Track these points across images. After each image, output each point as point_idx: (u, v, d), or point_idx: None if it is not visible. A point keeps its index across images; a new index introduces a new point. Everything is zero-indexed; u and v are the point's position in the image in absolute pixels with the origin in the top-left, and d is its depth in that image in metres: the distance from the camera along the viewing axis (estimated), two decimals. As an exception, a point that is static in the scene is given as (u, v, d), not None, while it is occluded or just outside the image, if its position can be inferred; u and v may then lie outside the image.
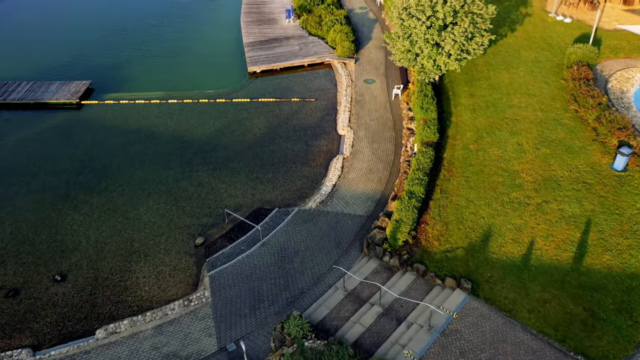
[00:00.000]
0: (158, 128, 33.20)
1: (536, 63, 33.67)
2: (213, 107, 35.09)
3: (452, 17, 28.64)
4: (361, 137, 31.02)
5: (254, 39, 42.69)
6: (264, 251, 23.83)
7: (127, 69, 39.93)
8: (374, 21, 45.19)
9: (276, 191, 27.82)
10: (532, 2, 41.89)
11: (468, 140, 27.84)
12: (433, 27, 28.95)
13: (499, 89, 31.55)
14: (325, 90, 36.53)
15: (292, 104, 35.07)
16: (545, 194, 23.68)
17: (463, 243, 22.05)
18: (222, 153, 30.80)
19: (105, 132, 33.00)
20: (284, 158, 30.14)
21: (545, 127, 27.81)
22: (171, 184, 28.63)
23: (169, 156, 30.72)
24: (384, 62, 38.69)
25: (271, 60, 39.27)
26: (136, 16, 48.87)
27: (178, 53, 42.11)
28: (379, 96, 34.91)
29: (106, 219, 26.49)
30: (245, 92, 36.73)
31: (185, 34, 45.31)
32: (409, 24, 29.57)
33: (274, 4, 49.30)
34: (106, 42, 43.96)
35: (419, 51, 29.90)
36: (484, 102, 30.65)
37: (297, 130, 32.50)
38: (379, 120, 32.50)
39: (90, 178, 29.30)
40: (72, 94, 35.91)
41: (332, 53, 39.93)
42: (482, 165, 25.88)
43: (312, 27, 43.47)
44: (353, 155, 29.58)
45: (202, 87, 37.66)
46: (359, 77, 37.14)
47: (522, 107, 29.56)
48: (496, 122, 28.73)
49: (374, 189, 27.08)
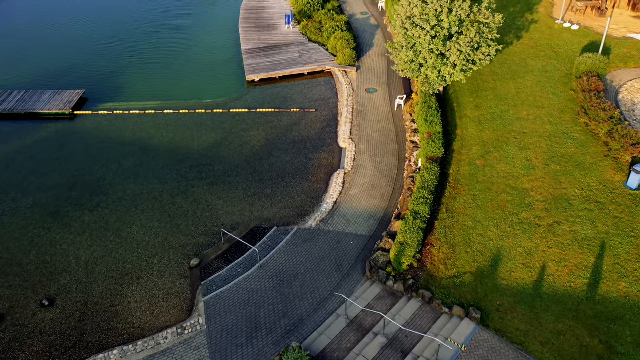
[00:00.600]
0: (153, 140, 32.13)
1: (544, 73, 32.58)
2: (210, 117, 34.02)
3: (457, 27, 27.57)
4: (363, 150, 29.94)
5: (253, 45, 41.62)
6: (261, 274, 22.76)
7: (122, 77, 38.86)
8: (376, 27, 44.12)
9: (275, 208, 26.75)
10: (538, 9, 40.80)
11: (474, 155, 26.75)
12: (438, 37, 27.88)
13: (506, 100, 30.47)
14: (325, 100, 35.46)
15: (291, 114, 34.00)
16: (556, 214, 22.60)
17: (471, 268, 20.97)
18: (219, 167, 29.72)
19: (99, 144, 31.92)
20: (283, 172, 29.07)
21: (555, 141, 26.72)
22: (166, 200, 27.56)
23: (164, 170, 29.65)
24: (386, 71, 37.62)
25: (270, 68, 38.19)
26: (132, 22, 47.79)
27: (175, 60, 41.04)
28: (381, 106, 33.83)
29: (98, 237, 25.42)
30: (243, 101, 35.66)
31: (182, 40, 44.24)
32: (412, 34, 28.49)
33: (274, 9, 48.24)
34: (101, 49, 42.89)
35: (423, 61, 28.82)
36: (491, 114, 29.57)
37: (296, 142, 31.42)
38: (382, 132, 31.42)
39: (82, 194, 28.22)
40: (65, 104, 34.83)
41: (333, 61, 38.86)
42: (490, 183, 24.80)
43: (312, 34, 42.40)
44: (355, 170, 28.50)
45: (199, 96, 36.60)
46: (360, 86, 36.06)
47: (530, 120, 28.48)
48: (503, 136, 27.65)
49: (377, 206, 26.00)
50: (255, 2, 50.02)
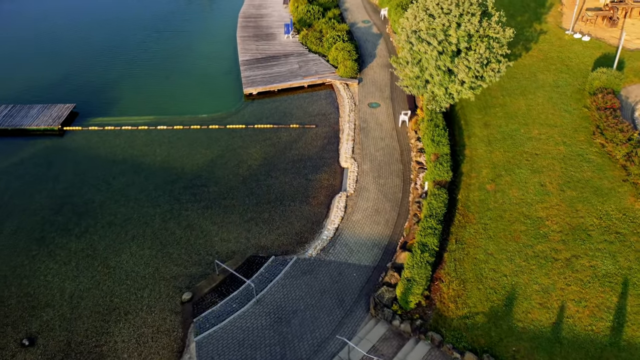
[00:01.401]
0: (145, 158, 30.61)
1: (555, 88, 31.07)
2: (205, 134, 32.50)
3: (466, 42, 26.07)
4: (366, 170, 28.43)
5: (251, 56, 40.11)
6: (258, 310, 21.24)
7: (114, 89, 37.35)
8: (378, 36, 42.62)
9: (272, 235, 25.23)
10: (546, 18, 39.31)
11: (484, 179, 25.25)
12: (445, 53, 26.37)
13: (516, 118, 28.96)
14: (326, 115, 33.95)
15: (290, 130, 32.48)
16: (574, 246, 21.08)
17: (484, 307, 19.45)
18: (214, 188, 28.21)
19: (89, 163, 30.42)
20: (282, 195, 27.55)
21: (570, 163, 25.22)
22: (158, 225, 26.05)
23: (156, 191, 28.15)
24: (389, 84, 36.12)
25: (268, 81, 36.69)
26: (125, 32, 46.29)
27: (170, 72, 39.54)
28: (384, 122, 32.32)
29: (84, 267, 23.90)
30: (240, 116, 34.15)
31: (178, 50, 42.74)
32: (418, 49, 26.99)
33: (272, 18, 46.73)
34: (93, 59, 41.40)
35: (430, 78, 27.31)
36: (500, 133, 28.06)
37: (296, 161, 29.91)
38: (385, 150, 29.91)
39: (69, 217, 26.71)
40: (54, 119, 33.32)
41: (334, 73, 37.36)
42: (502, 210, 23.28)
43: (313, 44, 40.91)
44: (357, 193, 26.99)
45: (195, 110, 35.10)
46: (362, 100, 34.55)
47: (543, 140, 26.97)
48: (515, 157, 26.14)
49: (381, 234, 24.49)
50: (254, 9, 48.54)
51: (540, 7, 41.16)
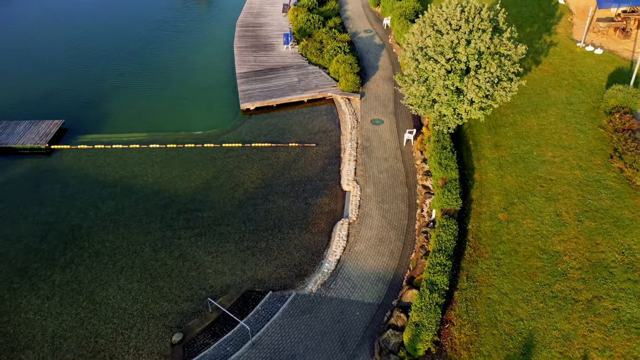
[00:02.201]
0: (137, 180, 29.05)
1: (568, 105, 29.51)
2: (200, 153, 30.94)
3: (476, 61, 24.50)
4: (369, 194, 26.86)
5: (248, 68, 38.55)
6: (254, 355, 19.67)
7: (105, 104, 35.78)
8: (381, 47, 41.08)
9: (270, 266, 23.67)
10: (556, 29, 37.75)
11: (496, 207, 23.68)
12: (454, 72, 24.81)
13: (528, 139, 27.40)
14: (327, 132, 32.39)
15: (289, 149, 30.92)
16: (595, 286, 19.52)
17: (499, 356, 17.89)
18: (209, 213, 26.65)
19: (77, 185, 28.85)
20: (280, 221, 25.99)
21: (587, 190, 23.66)
22: (148, 254, 24.49)
23: (147, 217, 26.59)
24: (392, 98, 34.57)
25: (267, 95, 35.12)
26: (117, 42, 44.69)
27: (164, 85, 37.98)
28: (388, 141, 30.75)
29: (69, 303, 22.34)
30: (236, 134, 32.58)
31: (173, 61, 41.16)
32: (425, 67, 25.42)
33: (271, 27, 45.16)
34: (83, 72, 39.81)
35: (437, 97, 25.75)
36: (512, 155, 26.49)
37: (295, 184, 28.34)
38: (389, 172, 28.34)
39: (55, 245, 25.16)
40: (42, 137, 31.75)
41: (335, 86, 35.81)
42: (516, 243, 21.72)
43: (313, 55, 39.35)
44: (360, 220, 25.43)
45: (189, 126, 33.54)
46: (365, 117, 32.99)
47: (557, 164, 25.41)
48: (528, 183, 24.58)
49: (386, 266, 22.93)
50: (252, 18, 46.97)
51: (549, 17, 39.61)
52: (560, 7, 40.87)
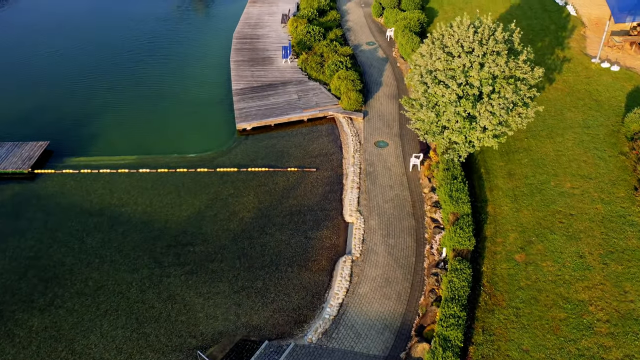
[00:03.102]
0: (125, 209, 27.16)
1: (585, 129, 27.64)
2: (193, 178, 29.05)
3: (490, 86, 22.62)
4: (373, 227, 24.98)
5: (245, 84, 36.65)
6: (248, 418, 17.80)
7: (93, 123, 33.89)
8: (384, 61, 39.20)
9: (267, 311, 21.77)
10: (569, 43, 35.87)
11: (512, 246, 21.79)
12: (466, 97, 22.92)
13: (544, 166, 25.52)
14: (328, 155, 30.49)
15: (288, 175, 29.03)
16: (625, 342, 17.63)
17: None
18: (201, 248, 24.77)
19: (61, 214, 26.97)
20: (278, 257, 24.10)
21: (610, 227, 21.77)
22: (134, 295, 22.60)
23: (135, 251, 24.71)
24: (397, 118, 32.68)
25: (264, 114, 33.23)
26: (107, 56, 42.75)
27: (156, 102, 36.09)
28: (393, 166, 28.86)
29: (46, 352, 20.44)
30: (232, 157, 30.69)
31: (165, 76, 39.27)
32: (434, 91, 23.53)
33: (270, 39, 43.26)
34: (70, 89, 37.89)
35: (447, 123, 23.87)
36: (527, 185, 24.60)
37: (294, 214, 26.45)
38: (395, 201, 26.45)
39: (34, 284, 23.28)
40: (24, 160, 29.86)
41: (337, 105, 33.91)
42: (536, 290, 19.82)
43: (313, 70, 37.46)
44: (364, 256, 23.54)
45: (182, 148, 31.65)
46: (368, 138, 31.11)
47: (577, 196, 23.53)
48: (546, 218, 22.69)
49: (393, 312, 21.03)
50: (249, 29, 45.07)
51: (561, 30, 37.74)
52: (572, 19, 39.02)
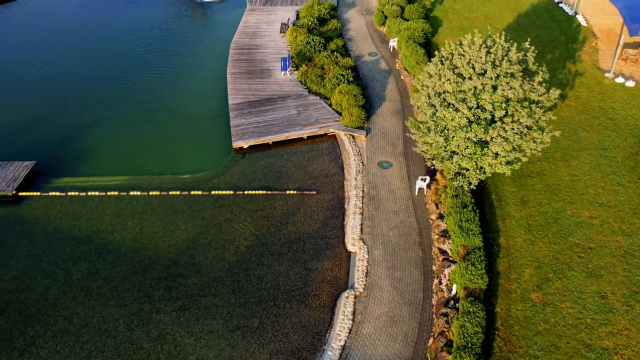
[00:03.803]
0: (114, 235, 25.62)
1: (601, 150, 26.12)
2: (186, 202, 27.50)
3: (503, 110, 21.08)
4: (377, 258, 23.43)
5: (242, 98, 35.11)
6: None
7: (83, 141, 32.33)
8: (387, 73, 37.68)
9: (263, 353, 20.20)
10: (581, 56, 34.35)
11: (528, 284, 20.24)
12: (478, 123, 21.38)
13: (559, 193, 23.98)
14: (329, 176, 28.94)
15: (287, 198, 27.48)
16: (656, 398, 16.10)
17: None
18: (194, 280, 23.22)
19: (46, 242, 25.42)
20: (276, 291, 22.55)
21: (633, 263, 20.24)
22: (122, 334, 21.04)
23: (123, 283, 23.16)
24: (401, 136, 31.14)
25: (262, 131, 31.67)
26: (99, 67, 41.23)
27: (149, 117, 34.55)
28: (398, 189, 27.32)
29: (24, 401, 18.92)
30: (228, 178, 29.13)
31: (159, 89, 37.73)
32: (443, 115, 21.99)
33: (268, 49, 41.71)
34: (60, 103, 36.33)
35: (457, 149, 22.33)
36: (542, 214, 23.06)
37: (293, 242, 24.91)
38: (400, 229, 24.91)
39: (14, 321, 21.72)
40: (9, 182, 28.31)
41: (338, 121, 32.37)
42: (555, 335, 18.27)
43: (313, 83, 35.92)
44: (368, 291, 21.99)
45: (176, 168, 30.11)
46: (371, 158, 29.56)
47: (595, 226, 21.99)
48: (563, 252, 21.15)
49: (399, 355, 19.47)
50: (247, 39, 43.52)
51: (571, 41, 36.22)
52: (583, 29, 37.51)
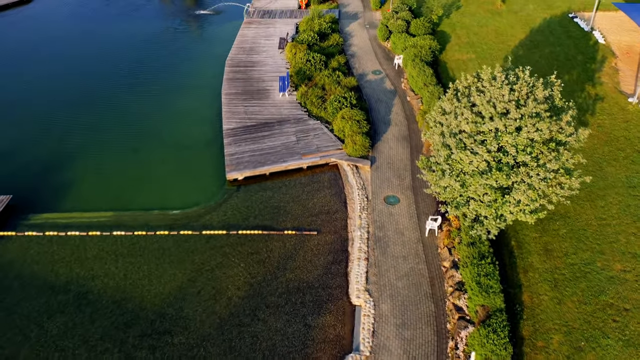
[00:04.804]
0: (95, 283, 23.28)
1: (629, 189, 23.80)
2: (175, 243, 25.17)
3: (527, 154, 18.75)
4: (385, 313, 21.09)
5: (237, 123, 32.74)
6: None
7: (65, 172, 29.96)
8: (392, 93, 35.35)
9: None
10: (600, 77, 32.03)
11: (557, 355, 17.90)
12: (498, 168, 19.03)
13: (586, 240, 21.66)
14: (331, 213, 26.60)
15: (285, 239, 25.15)
16: None
17: None
18: (181, 338, 20.88)
19: (20, 290, 23.09)
20: (272, 353, 20.21)
21: (676, 329, 17.91)
22: (98, 406, 18.73)
23: (102, 342, 20.82)
24: (409, 166, 28.81)
25: (258, 161, 29.32)
26: (84, 88, 38.81)
27: (137, 144, 32.17)
28: (406, 229, 24.98)
29: None
30: (221, 214, 26.79)
31: (149, 113, 35.30)
32: (460, 158, 19.64)
33: (266, 66, 39.34)
34: (40, 128, 33.91)
35: (475, 195, 19.99)
36: (569, 267, 20.73)
37: (291, 292, 22.57)
38: (410, 277, 22.57)
39: (-21, 388, 19.41)
40: (-18, 220, 26.00)
41: (340, 149, 30.04)
42: (592, 421, 15.96)
43: (314, 105, 33.57)
44: (375, 355, 19.65)
45: (165, 202, 27.77)
46: (377, 192, 27.23)
47: (629, 282, 19.66)
48: (595, 314, 18.82)
49: None
50: (244, 54, 41.15)
51: (589, 61, 33.91)
52: (601, 47, 35.21)
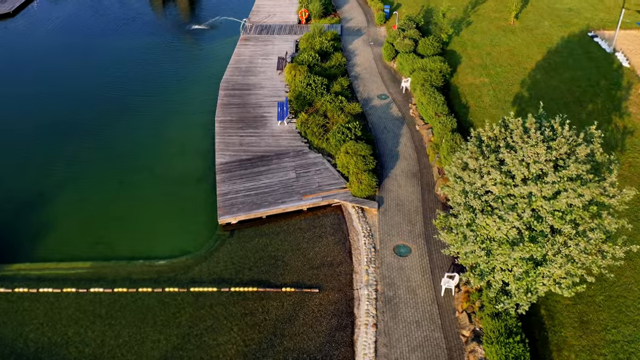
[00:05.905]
0: (68, 350, 20.59)
1: (672, 244, 21.02)
2: (160, 302, 22.46)
3: (566, 223, 16.00)
4: (398, 396, 18.37)
5: (232, 156, 30.00)
6: None
7: (40, 213, 27.25)
8: (400, 122, 32.65)
9: None
10: (627, 108, 29.37)
11: None
12: (531, 238, 16.29)
13: (627, 311, 18.97)
14: (334, 265, 23.88)
15: (282, 297, 22.44)
16: None
17: None
18: None
19: (-18, 360, 20.39)
20: None
21: None
22: None
23: None
24: (420, 208, 26.10)
25: (254, 202, 26.60)
26: (68, 115, 35.95)
27: (122, 179, 29.51)
28: (419, 287, 22.26)
29: None
30: (211, 266, 24.07)
31: (136, 143, 32.52)
32: (485, 223, 16.89)
33: (264, 90, 36.56)
34: (11, 164, 31.13)
35: (503, 265, 17.25)
36: (609, 344, 18.01)
37: (290, 365, 19.88)
38: (425, 349, 19.83)
39: None
40: (-56, 275, 23.23)
41: (344, 187, 27.34)
42: None
43: (315, 135, 30.87)
44: None
45: (150, 250, 25.15)
46: (385, 241, 24.51)
47: (682, 367, 16.95)
48: (645, 409, 16.11)
49: None
50: (240, 76, 38.37)
51: (614, 87, 31.28)
52: (625, 71, 32.59)
